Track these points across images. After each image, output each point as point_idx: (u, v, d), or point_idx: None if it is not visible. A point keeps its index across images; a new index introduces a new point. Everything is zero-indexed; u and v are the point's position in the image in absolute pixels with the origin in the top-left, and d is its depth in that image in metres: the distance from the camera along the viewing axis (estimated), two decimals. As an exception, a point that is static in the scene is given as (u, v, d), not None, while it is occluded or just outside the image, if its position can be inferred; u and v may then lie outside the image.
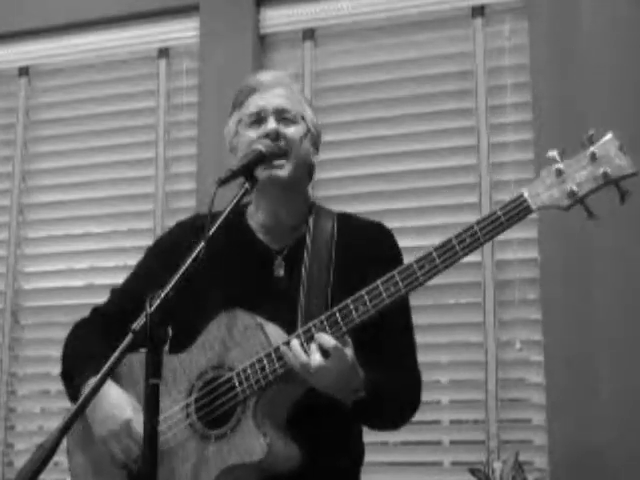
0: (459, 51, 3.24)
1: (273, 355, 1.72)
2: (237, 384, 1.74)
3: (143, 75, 3.62)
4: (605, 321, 2.80)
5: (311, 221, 1.92)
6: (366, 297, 1.69)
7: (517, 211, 1.64)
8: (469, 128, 3.14)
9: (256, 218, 1.95)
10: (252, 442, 1.70)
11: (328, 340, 1.67)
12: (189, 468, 1.76)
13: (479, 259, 3.03)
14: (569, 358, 2.82)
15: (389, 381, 1.81)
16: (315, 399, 1.74)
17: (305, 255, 1.87)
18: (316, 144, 1.96)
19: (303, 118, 1.91)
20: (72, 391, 1.88)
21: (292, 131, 1.88)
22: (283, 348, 1.70)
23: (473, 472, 2.66)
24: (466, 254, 1.65)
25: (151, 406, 1.48)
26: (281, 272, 1.89)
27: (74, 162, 3.64)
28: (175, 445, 1.79)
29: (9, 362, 3.52)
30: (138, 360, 1.82)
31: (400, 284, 1.68)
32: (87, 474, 1.89)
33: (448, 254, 1.65)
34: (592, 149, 1.62)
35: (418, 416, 1.96)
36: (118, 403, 1.80)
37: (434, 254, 1.66)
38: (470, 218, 3.05)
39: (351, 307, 1.69)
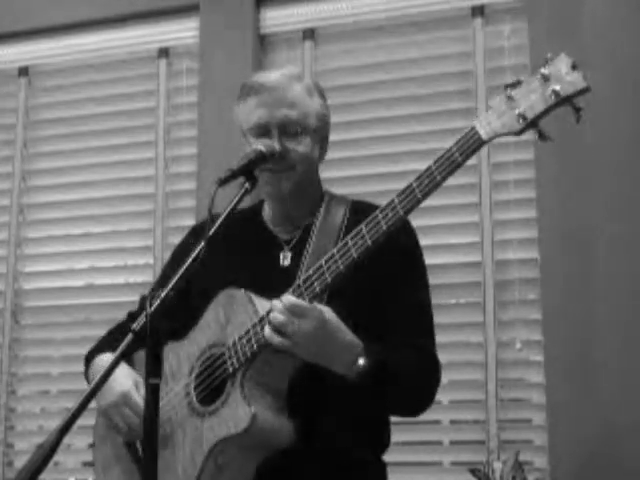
0: (459, 51, 3.24)
1: (258, 325, 1.72)
2: (227, 358, 1.75)
3: (143, 75, 3.62)
4: (605, 321, 2.80)
5: (321, 210, 1.93)
6: (337, 255, 1.68)
7: (469, 144, 1.60)
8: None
9: (268, 212, 1.98)
10: (238, 412, 1.69)
11: (295, 301, 1.66)
12: (187, 447, 1.76)
13: (479, 259, 3.03)
14: (569, 358, 2.82)
15: (401, 356, 1.78)
16: (320, 376, 1.71)
17: (308, 244, 1.87)
18: (323, 139, 1.94)
19: (306, 128, 1.87)
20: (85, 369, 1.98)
21: (300, 147, 1.86)
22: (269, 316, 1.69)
23: (473, 472, 2.66)
24: (426, 196, 1.63)
25: (151, 406, 1.48)
26: (287, 262, 1.89)
27: (74, 162, 3.64)
28: (176, 426, 1.80)
29: (9, 362, 3.52)
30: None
31: (366, 235, 1.66)
32: (104, 468, 1.93)
33: (408, 198, 1.64)
34: (542, 70, 1.57)
35: (418, 416, 1.95)
36: (118, 377, 1.80)
37: (395, 200, 1.65)
38: (470, 218, 3.11)
39: (324, 267, 1.69)
